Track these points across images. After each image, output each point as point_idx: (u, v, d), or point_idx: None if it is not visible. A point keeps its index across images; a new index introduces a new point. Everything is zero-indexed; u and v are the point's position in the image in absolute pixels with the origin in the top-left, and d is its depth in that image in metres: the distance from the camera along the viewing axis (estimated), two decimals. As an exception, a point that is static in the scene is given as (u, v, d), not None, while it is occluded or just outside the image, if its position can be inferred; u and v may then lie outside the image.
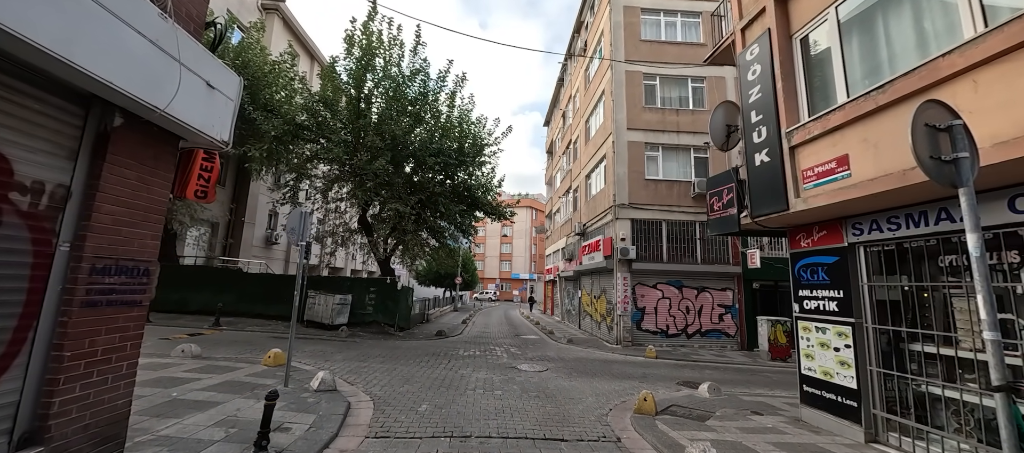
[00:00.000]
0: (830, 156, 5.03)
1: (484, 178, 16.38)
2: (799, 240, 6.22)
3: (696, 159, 15.92)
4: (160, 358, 7.33)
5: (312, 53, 23.71)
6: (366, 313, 14.14)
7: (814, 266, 5.90)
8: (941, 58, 3.85)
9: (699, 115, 16.10)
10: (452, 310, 32.59)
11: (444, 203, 14.65)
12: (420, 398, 6.27)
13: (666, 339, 14.50)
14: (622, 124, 15.81)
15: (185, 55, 3.42)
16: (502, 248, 69.79)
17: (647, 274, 14.82)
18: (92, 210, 3.08)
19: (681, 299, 14.83)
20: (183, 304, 13.97)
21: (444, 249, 18.93)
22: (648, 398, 6.11)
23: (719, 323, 14.77)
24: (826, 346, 5.64)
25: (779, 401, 7.42)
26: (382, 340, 12.34)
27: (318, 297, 13.28)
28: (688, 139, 15.92)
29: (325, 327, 12.92)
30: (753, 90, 6.32)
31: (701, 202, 15.26)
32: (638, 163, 15.57)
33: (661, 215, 15.27)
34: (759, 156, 6.10)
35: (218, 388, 5.71)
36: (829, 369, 5.58)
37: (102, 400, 3.20)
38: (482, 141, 15.61)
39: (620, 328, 14.36)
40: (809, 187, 5.34)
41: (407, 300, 15.49)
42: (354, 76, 13.41)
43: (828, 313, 5.63)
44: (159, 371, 6.39)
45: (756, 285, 15.11)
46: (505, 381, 7.83)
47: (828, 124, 5.04)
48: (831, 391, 5.52)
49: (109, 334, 3.25)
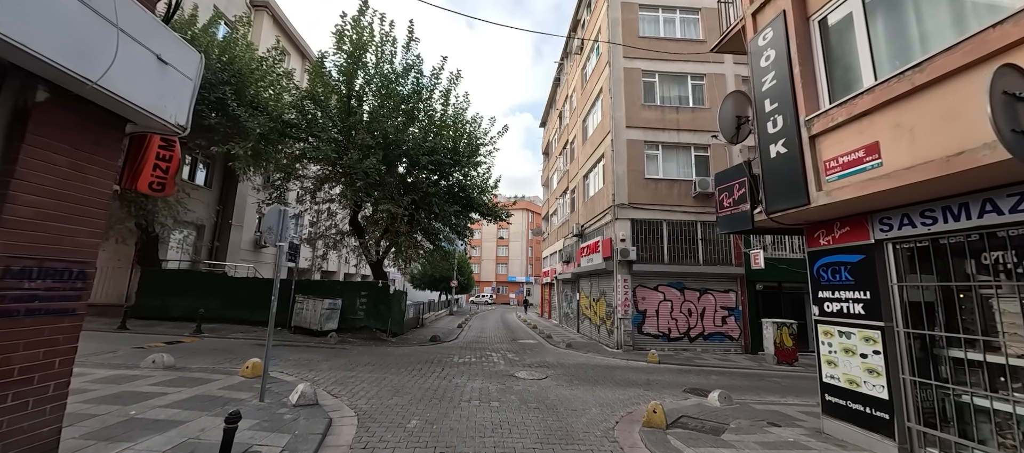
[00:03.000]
0: (857, 144, 4.60)
1: (480, 178, 15.91)
2: (818, 238, 5.78)
3: (697, 158, 15.54)
4: (128, 370, 6.76)
5: (303, 51, 23.17)
6: (357, 318, 13.56)
7: (836, 265, 5.46)
8: (992, 29, 3.43)
9: (699, 113, 15.74)
10: (448, 314, 32.01)
11: (438, 204, 14.14)
12: (410, 412, 5.75)
13: (668, 343, 14.04)
14: (621, 122, 15.41)
15: (126, 21, 2.92)
16: (498, 251, 69.26)
17: (648, 276, 14.38)
18: (6, 200, 2.56)
19: (683, 301, 14.39)
20: (164, 310, 13.34)
21: (439, 252, 18.41)
22: (657, 410, 5.63)
23: (722, 326, 14.34)
24: (851, 352, 5.19)
25: (794, 410, 6.97)
26: (373, 346, 11.79)
27: (306, 302, 12.69)
28: (688, 137, 15.54)
29: (313, 333, 12.34)
30: (766, 77, 5.89)
31: (702, 202, 14.87)
32: (637, 162, 15.16)
33: (662, 215, 14.85)
34: (774, 147, 5.67)
35: (185, 404, 5.17)
36: (855, 377, 5.13)
37: (20, 428, 2.67)
38: (477, 140, 15.14)
39: (621, 332, 13.89)
40: (833, 179, 4.91)
41: (400, 304, 14.94)
42: (345, 72, 12.92)
43: (853, 316, 5.18)
44: (123, 385, 5.83)
45: (759, 286, 14.71)
46: (503, 391, 7.32)
47: (854, 109, 4.61)
48: (858, 401, 5.07)
49: (30, 349, 2.72)
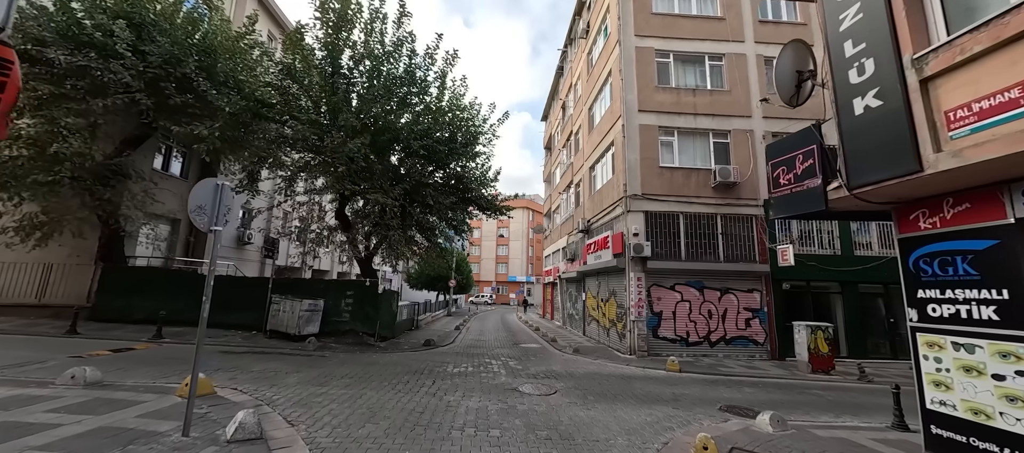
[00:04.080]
0: (1008, 81, 3.26)
1: (479, 169, 14.64)
2: (916, 220, 4.44)
3: (715, 145, 14.19)
4: (35, 389, 5.41)
5: (282, 25, 21.51)
6: (341, 321, 12.21)
7: (947, 255, 4.12)
8: None
9: (719, 96, 14.40)
10: (445, 315, 30.66)
11: (433, 195, 12.82)
12: (383, 448, 4.41)
13: (686, 348, 12.70)
14: (632, 105, 14.06)
15: None
16: (498, 250, 67.89)
17: (664, 274, 13.03)
18: None
19: (702, 302, 13.04)
20: (127, 312, 11.98)
21: (434, 249, 17.01)
22: (709, 446, 4.28)
23: (746, 329, 12.99)
24: (977, 372, 3.85)
25: (866, 437, 5.62)
26: (357, 353, 10.43)
27: (284, 303, 11.33)
28: (706, 122, 14.20)
29: (291, 338, 10.99)
30: (847, 13, 4.55)
31: (722, 192, 13.54)
32: (651, 149, 13.81)
33: (678, 207, 13.50)
34: (861, 101, 4.32)
35: (71, 443, 3.82)
36: (983, 407, 3.79)
37: None
38: (475, 128, 13.84)
39: (634, 336, 12.54)
40: (961, 134, 3.56)
41: (391, 305, 13.58)
42: (327, 47, 11.58)
43: (980, 323, 3.84)
44: (10, 412, 4.48)
45: (786, 286, 13.37)
46: (504, 412, 5.98)
47: (1003, 33, 3.26)
48: (989, 439, 3.73)
49: None
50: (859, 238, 13.75)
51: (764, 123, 14.22)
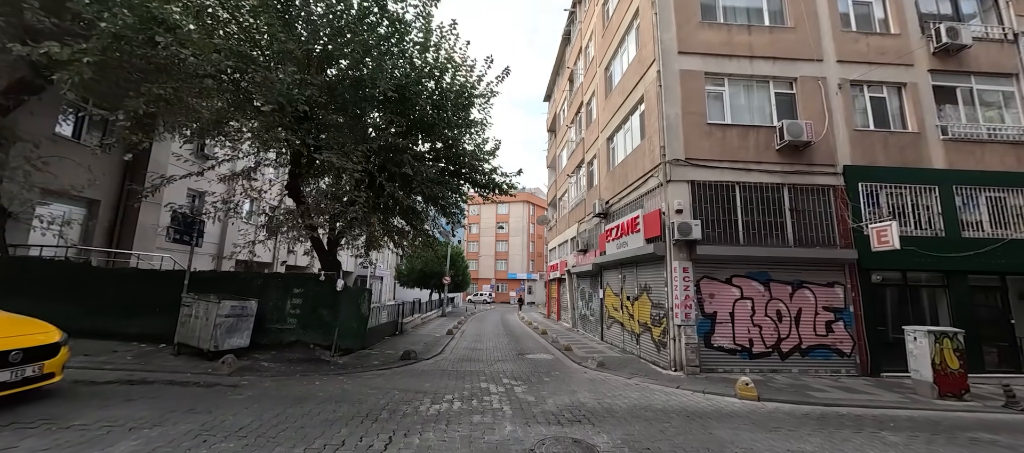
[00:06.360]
0: None
1: (474, 141, 11.67)
2: None
3: (777, 96, 11.00)
4: None
5: None
6: (285, 329, 9.00)
7: None
8: None
9: (780, 34, 11.20)
10: (439, 316, 27.47)
11: (411, 162, 9.66)
12: None
13: (750, 360, 9.54)
14: (671, 46, 10.85)
15: None
16: (497, 246, 64.66)
17: (717, 262, 9.86)
18: None
19: (769, 299, 9.87)
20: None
21: (421, 238, 13.74)
22: None
23: (826, 335, 9.83)
24: None
25: None
26: (293, 380, 7.20)
27: (197, 306, 8.06)
28: (765, 68, 11.00)
29: (204, 355, 7.76)
30: None
31: (790, 156, 10.38)
32: (696, 102, 10.61)
33: (733, 175, 10.31)
34: None
35: None
36: None
37: None
38: (469, 89, 10.75)
39: (680, 345, 9.37)
40: None
41: (358, 307, 10.33)
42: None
43: None
44: None
45: (877, 277, 10.20)
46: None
47: None
48: None
49: None
50: (966, 215, 10.58)
51: (839, 69, 11.03)
